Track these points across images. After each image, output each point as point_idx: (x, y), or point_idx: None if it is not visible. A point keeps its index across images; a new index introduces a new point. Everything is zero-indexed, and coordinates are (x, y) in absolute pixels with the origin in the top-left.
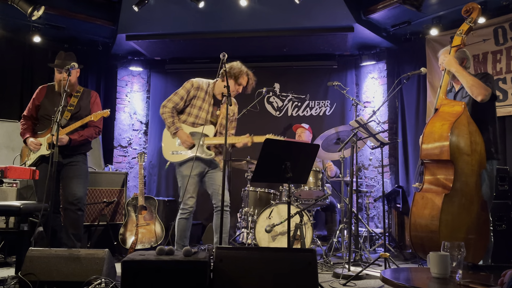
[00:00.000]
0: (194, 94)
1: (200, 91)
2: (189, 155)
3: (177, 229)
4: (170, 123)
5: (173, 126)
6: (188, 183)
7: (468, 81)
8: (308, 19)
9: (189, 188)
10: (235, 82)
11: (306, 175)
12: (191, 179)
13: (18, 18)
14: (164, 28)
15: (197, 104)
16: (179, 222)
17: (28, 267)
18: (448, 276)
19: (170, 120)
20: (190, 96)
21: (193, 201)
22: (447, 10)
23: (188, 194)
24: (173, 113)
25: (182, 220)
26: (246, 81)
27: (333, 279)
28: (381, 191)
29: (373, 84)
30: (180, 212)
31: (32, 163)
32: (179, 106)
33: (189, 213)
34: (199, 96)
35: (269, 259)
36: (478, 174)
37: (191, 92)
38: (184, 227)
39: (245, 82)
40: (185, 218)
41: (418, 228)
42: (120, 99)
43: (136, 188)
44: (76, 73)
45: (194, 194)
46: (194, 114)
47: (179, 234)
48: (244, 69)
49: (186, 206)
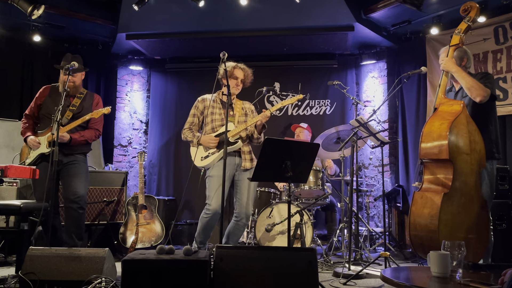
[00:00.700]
0: (203, 106)
1: (206, 101)
2: (218, 153)
3: (199, 225)
4: (191, 137)
5: (194, 138)
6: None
7: (467, 82)
8: (308, 18)
9: (213, 188)
10: (230, 78)
11: (306, 174)
12: (217, 179)
13: (18, 17)
14: (164, 27)
15: (209, 112)
16: (201, 219)
17: (28, 266)
18: (449, 275)
19: (190, 135)
20: (200, 110)
21: (216, 203)
22: (448, 9)
23: (212, 193)
24: (192, 130)
25: (203, 219)
26: (242, 73)
27: (333, 278)
28: (381, 190)
29: (373, 83)
30: (204, 211)
31: (32, 161)
32: (194, 123)
33: (211, 215)
34: (208, 105)
35: (269, 258)
36: (477, 173)
37: (199, 106)
38: (205, 226)
39: (242, 75)
40: (205, 218)
41: (417, 227)
42: (120, 98)
43: (136, 187)
44: (81, 75)
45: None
46: (210, 120)
47: (199, 230)
48: (233, 63)
49: (209, 207)
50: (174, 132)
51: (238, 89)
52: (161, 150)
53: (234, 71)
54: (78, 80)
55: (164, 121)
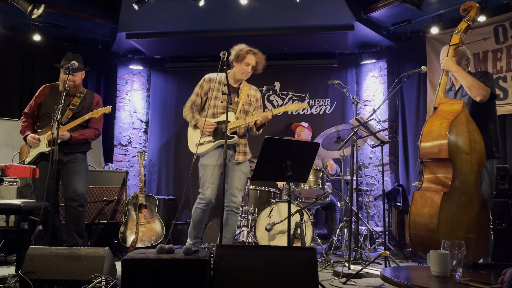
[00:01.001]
0: (208, 87)
1: (212, 83)
2: (213, 143)
3: (192, 218)
4: (190, 118)
5: (193, 120)
6: (207, 172)
7: (467, 81)
8: (309, 17)
9: (207, 177)
10: (240, 63)
11: (306, 174)
12: (211, 169)
13: (18, 16)
14: (164, 26)
15: (213, 95)
16: (194, 211)
17: (28, 265)
18: (448, 275)
19: (190, 115)
20: (204, 90)
21: (210, 192)
22: (448, 8)
23: (207, 183)
24: (192, 109)
25: (197, 210)
26: (253, 59)
27: (333, 277)
28: (381, 190)
29: (373, 83)
30: (196, 201)
31: (32, 160)
32: (196, 102)
33: (205, 205)
34: (213, 87)
35: (269, 258)
36: (477, 172)
37: (204, 86)
38: (198, 218)
39: (253, 61)
40: (200, 209)
41: (417, 226)
42: (120, 97)
43: (136, 187)
44: (81, 74)
45: (213, 185)
46: (212, 105)
47: (192, 224)
48: (244, 47)
49: (203, 196)
50: (174, 131)
51: (247, 75)
52: (161, 149)
53: (246, 56)
54: (78, 79)
55: (164, 120)
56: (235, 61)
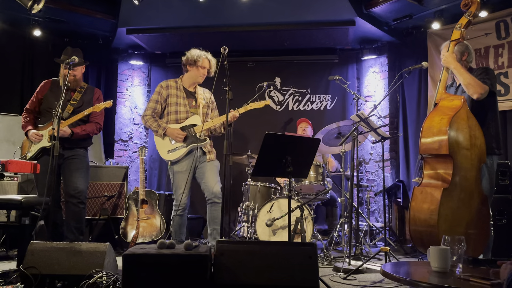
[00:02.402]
0: (167, 94)
1: (170, 89)
2: (185, 148)
3: (172, 226)
4: (155, 127)
5: (160, 128)
6: (179, 179)
7: (465, 79)
8: (309, 13)
9: (180, 184)
10: (197, 67)
11: (306, 170)
12: (182, 175)
13: (18, 11)
14: (164, 22)
15: (172, 101)
16: (174, 219)
17: (29, 260)
18: (448, 270)
19: (155, 124)
20: (163, 97)
21: (184, 197)
22: (449, 3)
23: (180, 190)
24: (154, 118)
25: (176, 217)
26: (208, 63)
27: (333, 273)
28: (381, 186)
29: (374, 78)
30: (173, 209)
31: (33, 155)
32: (157, 110)
33: (182, 210)
34: (171, 93)
35: (270, 253)
36: (477, 168)
37: (163, 93)
38: (179, 224)
39: (208, 65)
40: (179, 215)
41: (417, 222)
42: (121, 93)
43: (137, 182)
44: (81, 69)
45: (186, 191)
46: (173, 110)
47: (174, 231)
48: (200, 52)
49: (177, 203)
50: None
51: (203, 78)
52: None
53: (203, 60)
54: (78, 74)
55: None
56: (191, 65)
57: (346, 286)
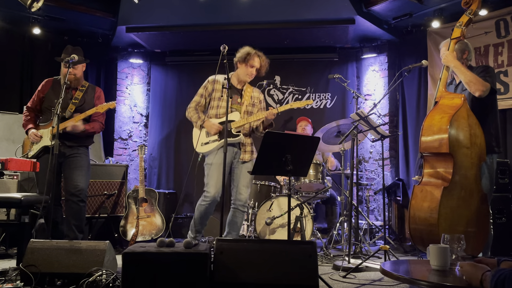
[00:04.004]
0: (212, 88)
1: (216, 84)
2: (218, 142)
3: (196, 213)
4: (195, 119)
5: (199, 120)
6: (211, 171)
7: (466, 76)
8: (309, 11)
9: (213, 175)
10: (246, 65)
11: (306, 168)
12: (215, 167)
13: (17, 9)
14: (164, 20)
15: (217, 96)
16: (198, 207)
17: (29, 258)
18: (448, 269)
19: (195, 116)
20: (208, 91)
21: (215, 190)
22: (449, 2)
23: (212, 181)
24: (197, 110)
25: (202, 206)
26: (258, 62)
27: (333, 271)
28: (381, 184)
29: (374, 77)
30: (201, 198)
31: (35, 154)
32: (201, 103)
33: (210, 202)
34: (217, 88)
35: (269, 251)
36: (477, 167)
37: (209, 87)
38: (203, 213)
39: (258, 64)
40: (205, 206)
41: (417, 221)
42: (121, 91)
43: (136, 181)
44: (82, 67)
45: (218, 183)
46: (215, 105)
47: (196, 219)
48: (251, 50)
49: (208, 194)
50: (175, 125)
51: (251, 77)
52: (162, 143)
53: (253, 59)
54: (79, 72)
55: (165, 114)
56: (241, 62)
57: (346, 284)
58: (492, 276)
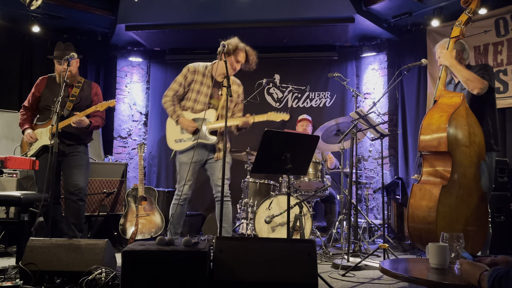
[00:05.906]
0: (192, 78)
1: (197, 75)
2: (192, 142)
3: (171, 214)
4: (171, 111)
5: (174, 115)
6: (184, 170)
7: (463, 75)
8: (309, 9)
9: (184, 175)
10: (231, 58)
11: (305, 167)
12: (187, 166)
13: (16, 7)
14: (163, 18)
15: (195, 88)
16: (172, 206)
17: (28, 256)
18: (447, 267)
19: (171, 108)
20: (188, 81)
21: (187, 188)
22: (449, 1)
23: (183, 180)
24: (174, 101)
25: (174, 206)
26: (244, 57)
27: (332, 269)
28: (380, 183)
29: (374, 76)
30: (174, 197)
31: (34, 153)
32: (179, 93)
33: (183, 200)
34: (197, 79)
35: (269, 250)
36: (476, 165)
37: (188, 77)
38: (177, 213)
39: (243, 59)
40: (179, 204)
41: (416, 219)
42: (120, 89)
43: (136, 179)
44: (76, 63)
45: (189, 182)
46: (192, 98)
47: (172, 222)
48: (241, 44)
49: (179, 193)
50: None
51: (234, 72)
52: (161, 141)
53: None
54: (74, 68)
55: (164, 112)
56: (227, 54)
57: (345, 282)
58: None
